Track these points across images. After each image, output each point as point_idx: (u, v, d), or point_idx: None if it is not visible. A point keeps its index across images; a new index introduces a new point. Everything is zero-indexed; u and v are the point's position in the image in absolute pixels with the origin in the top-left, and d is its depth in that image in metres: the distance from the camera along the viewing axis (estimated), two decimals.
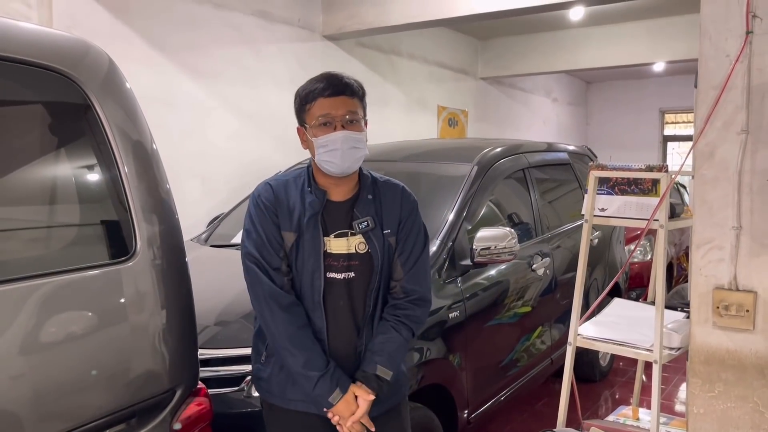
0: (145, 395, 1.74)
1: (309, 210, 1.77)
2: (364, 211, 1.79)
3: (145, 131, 1.86)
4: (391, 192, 1.86)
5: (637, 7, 6.24)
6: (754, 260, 1.85)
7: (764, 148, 1.82)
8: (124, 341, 1.68)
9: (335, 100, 1.73)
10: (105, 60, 1.81)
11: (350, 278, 1.79)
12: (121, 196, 1.72)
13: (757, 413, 1.86)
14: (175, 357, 1.83)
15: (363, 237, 1.78)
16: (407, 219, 1.84)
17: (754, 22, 1.80)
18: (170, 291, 1.82)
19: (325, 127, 1.74)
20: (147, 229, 1.75)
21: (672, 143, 10.80)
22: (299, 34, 5.36)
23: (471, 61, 7.76)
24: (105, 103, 1.73)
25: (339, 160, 1.73)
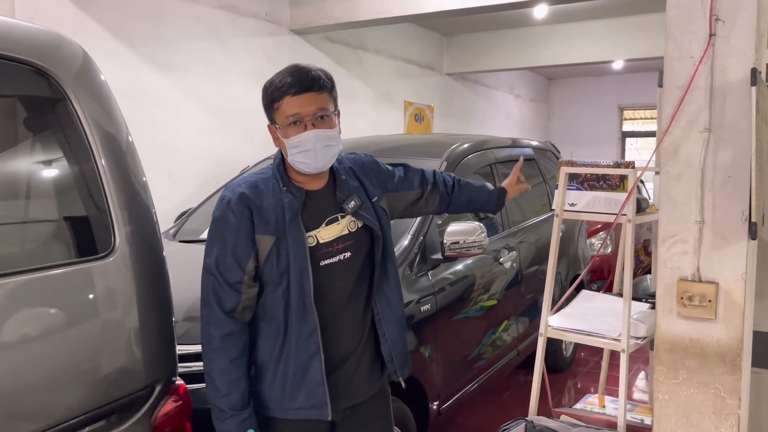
0: (123, 392, 1.73)
1: (289, 211, 1.72)
2: (347, 191, 1.80)
3: (121, 124, 1.85)
4: (361, 162, 1.92)
5: (599, 6, 6.39)
6: (716, 253, 1.93)
7: (725, 147, 1.91)
8: (102, 338, 1.67)
9: (303, 98, 1.68)
10: (79, 53, 1.80)
11: (346, 258, 1.78)
12: (99, 191, 1.71)
13: (719, 398, 1.96)
14: (154, 353, 1.83)
15: (354, 216, 1.79)
16: (380, 171, 1.94)
17: (716, 25, 1.88)
18: (149, 287, 1.81)
19: (295, 127, 1.70)
20: (125, 224, 1.74)
21: (630, 139, 11.07)
22: (267, 28, 5.33)
23: (436, 57, 7.82)
24: (80, 97, 1.71)
25: (313, 160, 1.71)
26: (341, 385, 1.82)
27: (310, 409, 1.78)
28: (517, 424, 2.13)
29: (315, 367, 1.76)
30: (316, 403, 1.77)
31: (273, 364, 1.78)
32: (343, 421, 1.86)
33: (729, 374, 1.94)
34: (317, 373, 1.76)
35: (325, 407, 1.76)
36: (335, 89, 1.78)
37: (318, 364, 1.76)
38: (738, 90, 1.88)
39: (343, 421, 1.86)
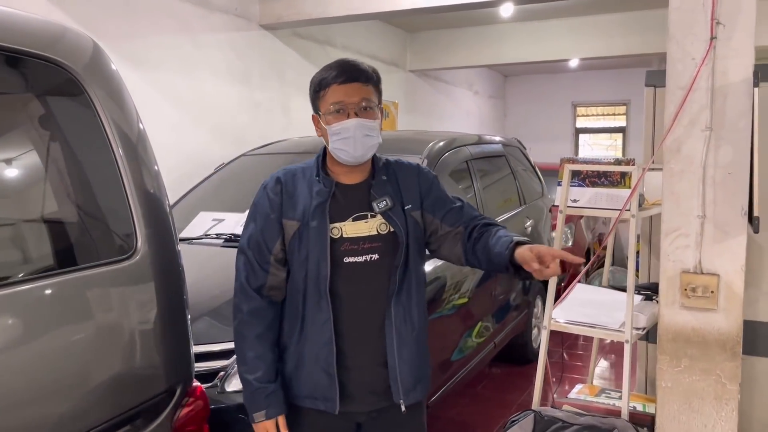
0: (147, 396, 1.71)
1: (316, 198, 1.75)
2: (381, 191, 1.78)
3: (134, 114, 1.81)
4: (406, 170, 1.87)
5: (560, 6, 6.54)
6: (717, 246, 2.03)
7: (726, 144, 2.00)
8: (127, 341, 1.64)
9: (349, 87, 1.71)
10: (90, 44, 1.76)
11: (373, 260, 1.77)
12: (120, 190, 1.67)
13: (720, 384, 2.06)
14: (174, 355, 1.81)
15: (383, 217, 1.77)
16: (430, 189, 1.86)
17: (717, 29, 1.97)
18: (167, 287, 1.78)
19: (338, 115, 1.72)
20: (145, 224, 1.71)
21: (583, 135, 11.38)
22: (236, 24, 5.25)
23: (400, 54, 7.86)
24: (95, 88, 1.67)
25: (352, 148, 1.72)
26: (355, 386, 1.80)
27: (319, 400, 1.78)
28: (525, 416, 2.18)
29: (327, 357, 1.76)
30: (327, 394, 1.77)
31: (292, 347, 1.81)
32: (369, 423, 1.86)
33: (729, 361, 2.04)
34: (329, 364, 1.76)
35: (334, 401, 1.76)
36: (380, 86, 1.80)
37: (330, 353, 1.75)
38: (738, 90, 1.97)
39: (369, 423, 1.86)
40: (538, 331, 5.46)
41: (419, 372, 1.85)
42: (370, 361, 1.80)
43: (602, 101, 11.03)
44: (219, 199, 4.13)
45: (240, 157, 4.56)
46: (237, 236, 3.49)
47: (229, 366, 2.62)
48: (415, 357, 1.83)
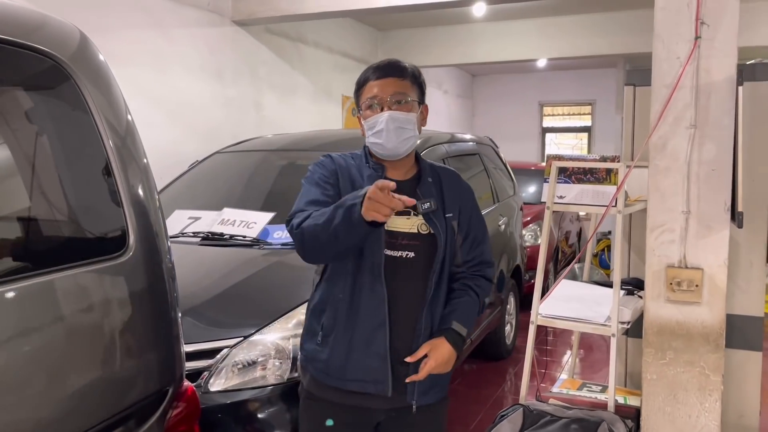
0: (141, 396, 1.67)
1: (368, 182, 1.74)
2: (428, 192, 1.79)
3: (122, 104, 1.77)
4: (450, 177, 1.90)
5: (531, 6, 6.63)
6: (701, 241, 2.08)
7: (709, 142, 2.05)
8: (121, 341, 1.60)
9: (384, 82, 1.76)
10: (76, 33, 1.71)
11: (409, 257, 1.77)
12: (111, 183, 1.63)
13: (703, 376, 2.11)
14: (166, 354, 1.77)
15: (424, 218, 1.77)
16: (468, 204, 1.88)
17: (702, 29, 2.02)
18: (161, 285, 1.75)
19: (373, 109, 1.76)
20: (137, 220, 1.67)
21: (550, 134, 11.54)
22: (209, 19, 5.17)
23: (371, 52, 7.85)
24: (86, 81, 1.62)
25: (384, 140, 1.73)
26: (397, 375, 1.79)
27: (369, 383, 1.78)
28: (514, 410, 2.21)
29: (380, 339, 1.76)
30: (378, 377, 1.77)
31: (340, 330, 1.79)
32: (386, 422, 1.86)
33: (712, 353, 2.09)
34: (381, 346, 1.76)
35: (386, 383, 1.76)
36: (421, 82, 1.83)
37: (383, 336, 1.75)
38: (721, 89, 2.02)
39: (386, 422, 1.86)
40: (511, 328, 5.53)
41: (438, 377, 1.85)
42: (405, 354, 1.80)
43: (568, 101, 11.21)
44: (194, 197, 4.07)
45: (214, 154, 4.50)
46: (215, 234, 3.45)
47: (212, 366, 2.59)
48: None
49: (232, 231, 3.49)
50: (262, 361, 2.62)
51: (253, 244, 3.37)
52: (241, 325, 2.71)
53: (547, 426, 2.11)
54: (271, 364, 2.62)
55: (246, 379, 2.59)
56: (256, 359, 2.62)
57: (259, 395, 2.58)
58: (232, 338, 2.64)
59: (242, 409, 2.56)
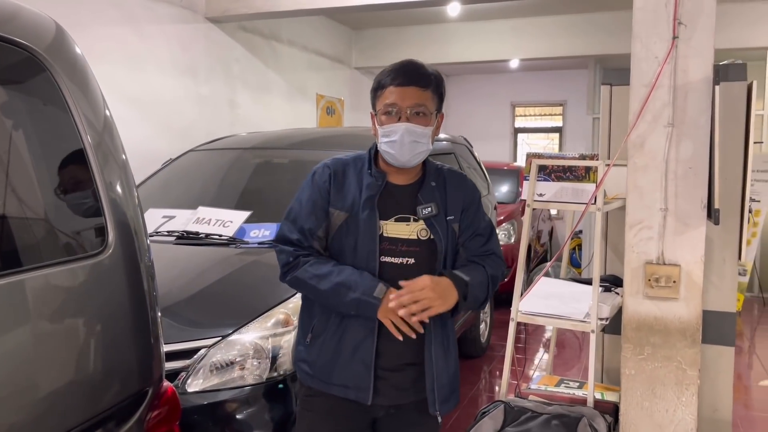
0: (121, 398, 1.63)
1: (366, 191, 1.74)
2: (429, 197, 1.76)
3: (99, 97, 1.73)
4: (455, 179, 1.86)
5: (505, 6, 6.67)
6: (678, 238, 2.11)
7: (686, 140, 2.09)
8: (100, 342, 1.56)
9: (404, 90, 1.70)
10: (52, 24, 1.67)
11: (409, 264, 1.75)
12: (90, 181, 1.59)
13: (680, 370, 2.14)
14: (146, 355, 1.73)
15: (425, 223, 1.75)
16: (471, 205, 1.84)
17: (679, 29, 2.05)
18: (140, 284, 1.71)
19: (390, 117, 1.72)
20: (116, 217, 1.63)
21: (521, 135, 11.64)
22: (182, 15, 5.10)
23: (346, 51, 7.83)
24: (62, 74, 1.58)
25: (398, 152, 1.71)
26: (381, 381, 1.79)
27: (351, 389, 1.77)
28: (495, 407, 2.21)
29: (367, 348, 1.75)
30: (361, 384, 1.76)
31: (330, 333, 1.79)
32: (385, 420, 1.85)
33: (689, 348, 2.13)
34: (368, 355, 1.75)
35: (367, 391, 1.75)
36: (442, 91, 1.78)
37: (370, 345, 1.75)
38: (698, 88, 2.06)
39: (385, 420, 1.85)
40: (485, 326, 5.57)
41: (455, 382, 1.86)
42: (400, 360, 1.79)
43: (540, 101, 11.32)
44: (168, 196, 4.01)
45: (188, 152, 4.43)
46: (190, 233, 3.40)
47: (189, 366, 2.55)
48: (452, 365, 1.84)
49: (208, 230, 3.45)
50: (241, 361, 2.59)
51: (230, 243, 3.33)
52: (219, 325, 2.67)
53: (528, 422, 2.13)
54: (249, 364, 2.59)
55: (224, 380, 2.56)
56: (235, 359, 2.59)
57: (237, 396, 2.55)
58: (209, 338, 2.61)
59: (220, 409, 2.52)
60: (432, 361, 1.77)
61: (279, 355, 2.59)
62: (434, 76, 1.77)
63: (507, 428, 2.12)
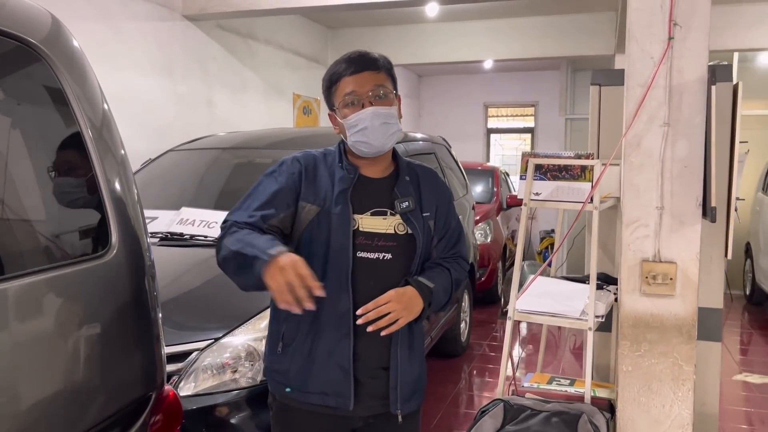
0: (127, 401, 1.59)
1: (339, 185, 1.69)
2: (405, 191, 1.74)
3: (98, 91, 1.68)
4: (427, 175, 1.83)
5: (482, 8, 6.72)
6: (674, 235, 2.15)
7: (682, 139, 2.12)
8: (105, 344, 1.52)
9: (360, 77, 1.68)
10: (48, 16, 1.62)
11: (385, 259, 1.71)
12: (93, 180, 1.54)
13: (677, 366, 2.18)
14: (150, 358, 1.69)
15: (402, 218, 1.72)
16: (444, 204, 1.82)
17: (675, 30, 2.08)
18: (143, 286, 1.67)
19: (353, 107, 1.68)
20: (118, 217, 1.59)
21: (495, 135, 11.73)
22: (159, 13, 5.01)
23: (321, 50, 7.79)
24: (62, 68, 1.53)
25: (370, 138, 1.67)
26: (362, 387, 1.74)
27: (329, 396, 1.71)
28: (495, 405, 2.22)
29: (343, 351, 1.69)
30: (340, 390, 1.70)
31: (301, 339, 1.72)
32: (365, 430, 1.81)
33: (685, 344, 2.16)
34: (345, 358, 1.69)
35: (348, 397, 1.70)
36: (393, 72, 1.76)
37: (347, 348, 1.69)
38: (693, 88, 2.09)
39: (365, 430, 1.81)
40: (465, 325, 5.60)
41: (418, 383, 1.82)
42: (375, 364, 1.74)
43: (512, 102, 11.43)
44: (148, 196, 3.92)
45: (167, 152, 4.36)
46: (174, 234, 3.34)
47: (181, 369, 2.50)
48: (416, 366, 1.81)
49: (192, 231, 3.39)
50: (233, 364, 2.56)
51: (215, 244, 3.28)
52: (210, 328, 2.63)
53: (528, 420, 2.14)
54: (242, 367, 2.55)
55: (217, 383, 2.52)
56: (227, 362, 2.55)
57: (230, 399, 2.51)
58: (201, 341, 2.57)
59: (213, 413, 2.48)
60: (397, 361, 1.74)
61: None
62: (383, 59, 1.76)
63: (507, 426, 2.13)
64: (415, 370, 1.79)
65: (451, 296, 1.79)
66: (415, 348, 1.80)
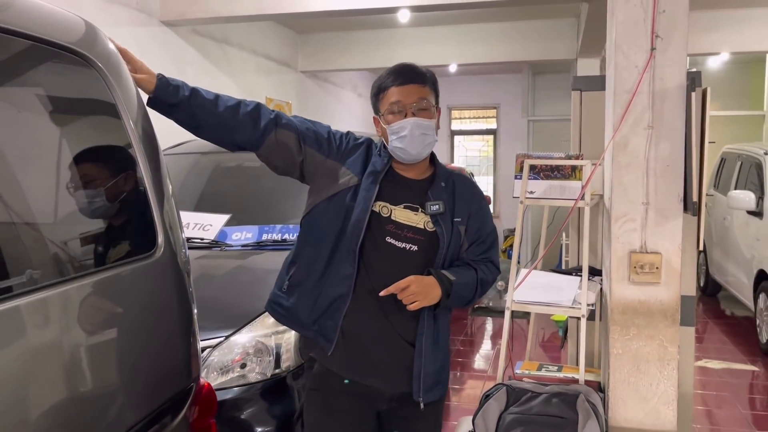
0: (178, 389, 1.70)
1: (372, 167, 1.87)
2: (438, 195, 1.89)
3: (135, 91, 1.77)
4: (465, 184, 1.99)
5: (450, 14, 6.92)
6: (659, 229, 2.35)
7: (664, 141, 2.33)
8: (159, 336, 1.63)
9: (406, 88, 1.85)
10: (93, 27, 1.72)
11: (411, 250, 1.87)
12: (140, 181, 1.64)
13: (662, 348, 2.38)
14: (191, 351, 1.80)
15: (431, 219, 1.87)
16: (479, 211, 1.98)
17: (657, 41, 2.29)
18: (183, 282, 1.77)
19: (396, 115, 1.85)
20: (161, 214, 1.69)
21: (458, 137, 11.98)
22: (137, 18, 5.04)
23: (292, 54, 7.88)
24: (114, 81, 1.63)
25: (408, 145, 1.84)
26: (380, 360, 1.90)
27: (318, 335, 1.92)
28: (497, 389, 2.38)
29: (339, 306, 1.88)
30: (326, 333, 1.90)
31: (309, 286, 1.91)
32: (387, 413, 1.96)
33: (669, 327, 2.37)
34: (338, 312, 1.88)
35: (331, 342, 1.89)
36: (437, 87, 1.94)
37: (342, 305, 1.87)
38: (674, 94, 2.30)
39: (387, 413, 1.96)
40: None
41: (441, 374, 1.98)
42: (397, 339, 1.90)
43: (475, 105, 11.69)
44: None
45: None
46: None
47: None
48: (440, 358, 1.96)
49: (189, 234, 3.46)
50: (245, 359, 2.66)
51: (212, 246, 3.37)
52: (220, 326, 2.72)
53: (530, 401, 2.31)
54: (254, 362, 2.66)
55: (228, 378, 2.61)
56: (237, 359, 2.65)
57: (242, 394, 2.61)
58: (212, 338, 2.66)
59: (227, 408, 2.58)
60: (421, 351, 1.89)
61: (282, 352, 2.67)
62: (430, 74, 1.94)
63: (511, 408, 2.30)
64: (438, 361, 1.95)
65: (475, 294, 1.95)
66: (440, 342, 1.96)
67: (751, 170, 6.21)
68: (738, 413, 4.28)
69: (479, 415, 2.32)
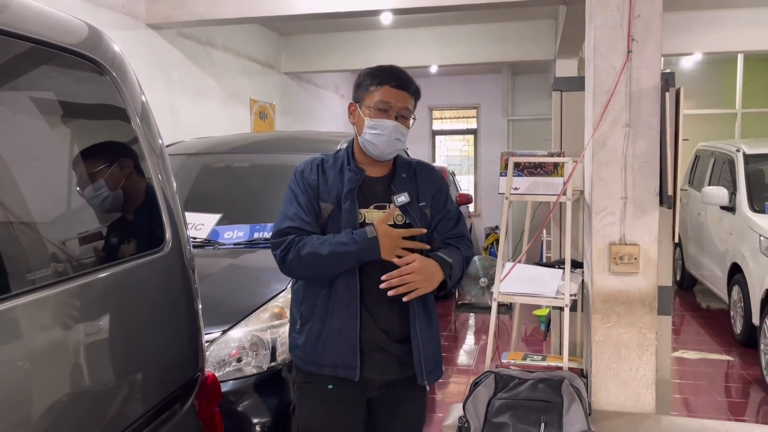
0: (184, 380, 1.78)
1: (347, 185, 1.96)
2: (401, 187, 2.01)
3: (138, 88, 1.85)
4: (424, 169, 2.11)
5: (431, 15, 7.03)
6: (636, 222, 2.48)
7: (641, 138, 2.46)
8: (170, 326, 1.71)
9: (400, 93, 1.96)
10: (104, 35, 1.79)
11: None
12: (150, 180, 1.73)
13: (641, 334, 2.51)
14: (197, 342, 1.89)
15: (400, 210, 1.98)
16: (440, 192, 2.09)
17: (633, 44, 2.42)
18: (188, 276, 1.86)
19: (381, 112, 1.95)
20: (168, 210, 1.78)
21: (439, 137, 12.12)
22: (124, 21, 5.08)
23: (275, 56, 7.95)
24: (124, 86, 1.71)
25: (381, 144, 1.95)
26: (373, 361, 2.00)
27: (340, 368, 1.97)
28: (486, 376, 2.49)
29: (351, 331, 1.95)
30: (349, 363, 1.96)
31: (317, 317, 1.98)
32: (377, 399, 2.07)
33: (648, 314, 2.50)
34: (353, 337, 1.95)
35: (354, 369, 1.96)
36: (419, 100, 2.06)
37: (354, 328, 1.95)
38: (649, 94, 2.43)
39: (377, 399, 2.07)
40: None
41: (437, 355, 2.10)
42: (384, 339, 2.00)
43: (455, 105, 11.84)
44: None
45: None
46: None
47: None
48: (435, 342, 2.08)
49: None
50: (242, 353, 2.74)
51: (205, 245, 3.45)
52: (217, 322, 2.80)
53: (517, 387, 2.42)
54: (251, 355, 2.74)
55: (226, 371, 2.70)
56: (235, 352, 2.74)
57: (239, 386, 2.69)
58: (210, 333, 2.73)
59: (225, 400, 2.66)
60: (417, 336, 2.00)
61: (277, 346, 2.76)
62: (418, 87, 2.06)
63: (500, 393, 2.41)
64: (434, 343, 2.07)
65: (463, 272, 2.07)
66: (433, 325, 2.08)
67: (724, 167, 6.40)
68: (714, 401, 4.45)
69: (469, 400, 2.43)
